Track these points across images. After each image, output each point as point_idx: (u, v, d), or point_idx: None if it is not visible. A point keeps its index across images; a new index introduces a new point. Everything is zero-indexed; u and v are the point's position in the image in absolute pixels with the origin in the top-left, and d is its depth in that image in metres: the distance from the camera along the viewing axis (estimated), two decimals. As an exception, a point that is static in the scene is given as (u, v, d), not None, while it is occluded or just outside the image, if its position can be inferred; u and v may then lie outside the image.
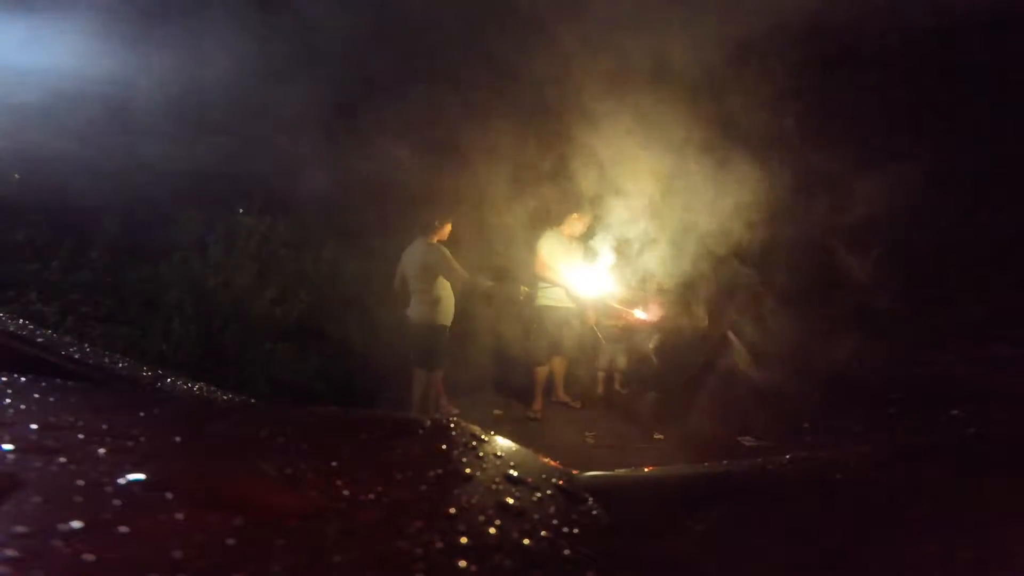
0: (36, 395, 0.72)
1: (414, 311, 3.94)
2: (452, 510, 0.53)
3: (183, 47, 5.04)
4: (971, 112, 5.85)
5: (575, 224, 4.61)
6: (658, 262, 4.17)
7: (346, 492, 0.53)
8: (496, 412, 4.80)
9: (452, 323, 4.31)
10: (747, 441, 4.15)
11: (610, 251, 4.41)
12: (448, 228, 4.02)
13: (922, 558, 0.55)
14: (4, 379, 0.74)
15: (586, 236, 4.68)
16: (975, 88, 5.77)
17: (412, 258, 3.91)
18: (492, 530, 0.49)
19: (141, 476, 0.50)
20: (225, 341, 4.63)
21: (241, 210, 5.49)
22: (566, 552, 0.48)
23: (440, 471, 0.63)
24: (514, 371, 5.15)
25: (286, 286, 5.26)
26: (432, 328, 3.89)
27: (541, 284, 4.60)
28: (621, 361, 5.19)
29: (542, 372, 4.72)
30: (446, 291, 3.92)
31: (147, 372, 1.09)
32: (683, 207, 4.07)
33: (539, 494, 0.59)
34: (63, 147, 4.96)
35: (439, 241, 3.95)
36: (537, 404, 4.71)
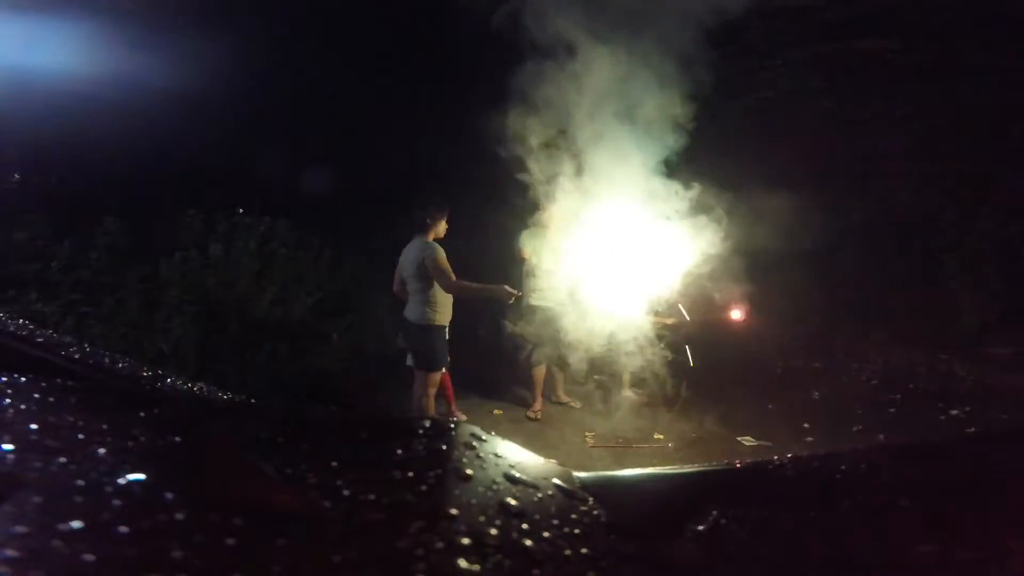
0: (36, 395, 0.72)
1: (411, 311, 3.88)
2: (452, 510, 0.53)
3: (184, 48, 5.04)
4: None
5: (551, 217, 4.43)
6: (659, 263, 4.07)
7: (346, 492, 0.53)
8: (496, 412, 4.80)
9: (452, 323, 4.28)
10: (747, 441, 4.15)
11: (610, 250, 4.28)
12: (444, 225, 3.92)
13: (922, 558, 0.55)
14: (4, 379, 0.74)
15: (575, 231, 4.47)
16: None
17: (409, 257, 3.86)
18: (492, 530, 0.49)
19: (141, 476, 0.50)
20: (225, 341, 4.62)
21: (241, 210, 5.48)
22: (566, 552, 0.48)
23: (440, 471, 0.63)
24: (514, 371, 5.15)
25: (286, 286, 5.25)
26: (428, 329, 3.83)
27: (535, 284, 4.53)
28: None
29: (541, 372, 4.70)
30: (443, 291, 3.86)
31: (147, 372, 1.09)
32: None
33: (539, 494, 0.59)
34: (63, 146, 4.96)
35: (436, 239, 3.88)
36: (537, 404, 4.70)
